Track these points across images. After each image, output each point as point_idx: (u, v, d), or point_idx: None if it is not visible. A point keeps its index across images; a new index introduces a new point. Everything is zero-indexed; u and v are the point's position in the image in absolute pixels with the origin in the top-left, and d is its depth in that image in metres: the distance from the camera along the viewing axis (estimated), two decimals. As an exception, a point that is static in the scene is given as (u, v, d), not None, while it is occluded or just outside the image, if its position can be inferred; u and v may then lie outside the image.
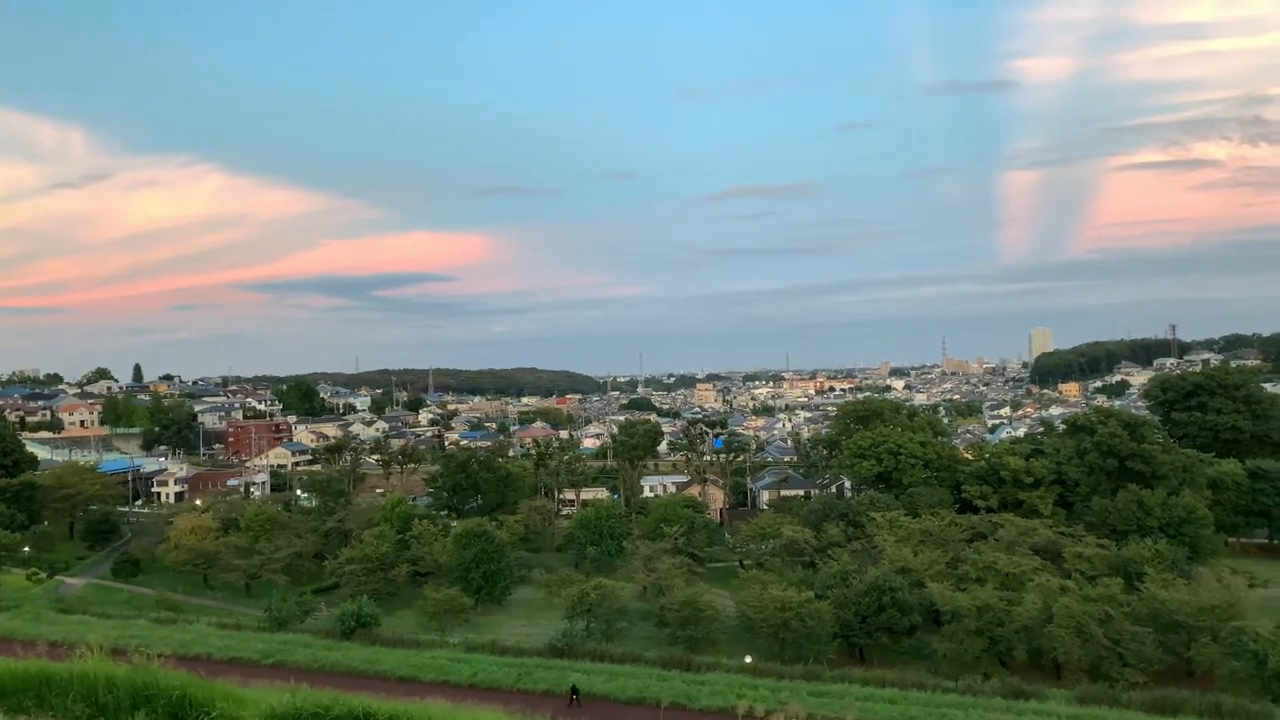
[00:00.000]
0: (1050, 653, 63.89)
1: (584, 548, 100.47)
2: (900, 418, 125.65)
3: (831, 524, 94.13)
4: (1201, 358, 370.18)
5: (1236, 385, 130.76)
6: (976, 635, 65.48)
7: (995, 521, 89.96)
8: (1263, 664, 58.14)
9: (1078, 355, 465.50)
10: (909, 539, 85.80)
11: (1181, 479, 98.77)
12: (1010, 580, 73.25)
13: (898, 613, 69.65)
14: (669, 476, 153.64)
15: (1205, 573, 75.38)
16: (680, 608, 72.86)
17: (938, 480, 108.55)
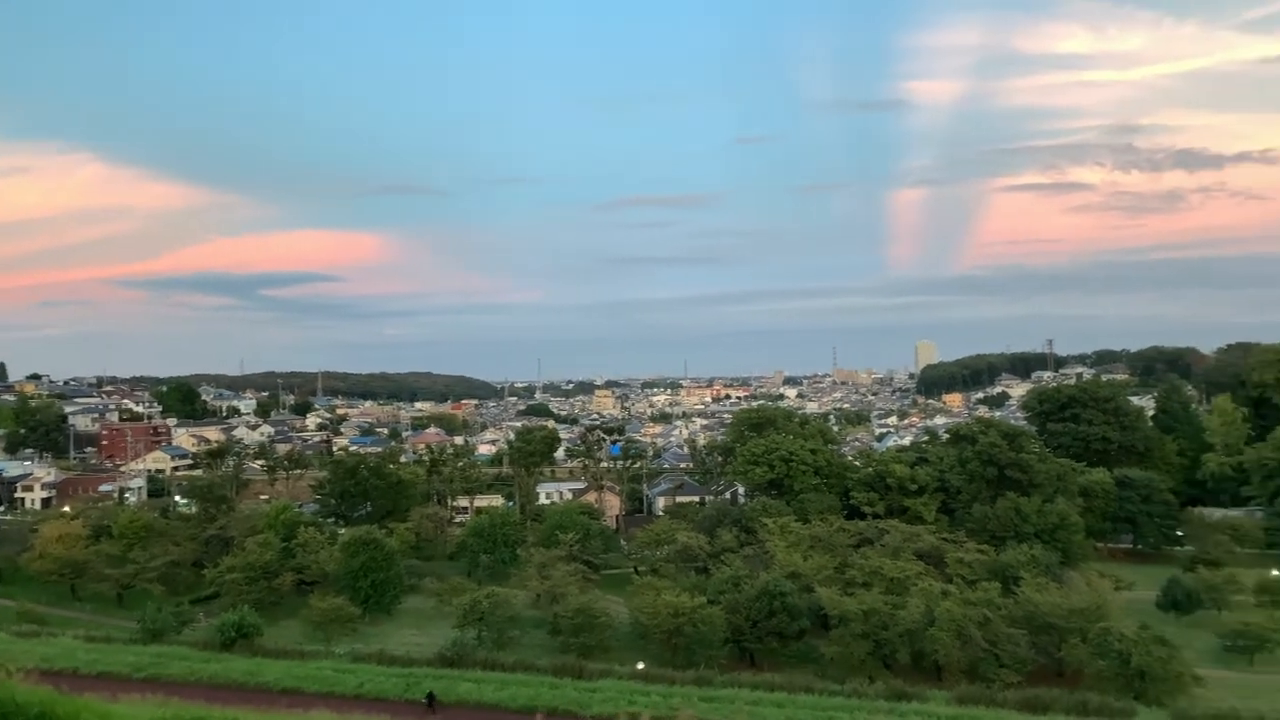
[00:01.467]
0: (932, 655, 65.92)
1: (477, 555, 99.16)
2: (793, 425, 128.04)
3: (725, 530, 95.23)
4: (1075, 371, 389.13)
5: (1107, 398, 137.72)
6: (862, 638, 67.15)
7: (882, 527, 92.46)
8: (1126, 663, 61.27)
9: (961, 367, 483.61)
10: (799, 544, 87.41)
11: (1056, 487, 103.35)
12: (895, 585, 75.33)
13: (787, 617, 70.86)
14: (566, 483, 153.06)
15: (1076, 576, 79.05)
16: (574, 615, 72.59)
17: (828, 487, 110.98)
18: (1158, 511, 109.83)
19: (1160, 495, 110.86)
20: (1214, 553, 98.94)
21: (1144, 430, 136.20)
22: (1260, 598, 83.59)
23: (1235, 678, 69.46)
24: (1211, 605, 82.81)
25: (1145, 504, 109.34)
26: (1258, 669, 71.75)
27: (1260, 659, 72.49)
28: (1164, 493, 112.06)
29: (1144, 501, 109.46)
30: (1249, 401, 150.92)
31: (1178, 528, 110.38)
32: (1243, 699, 62.38)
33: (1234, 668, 71.82)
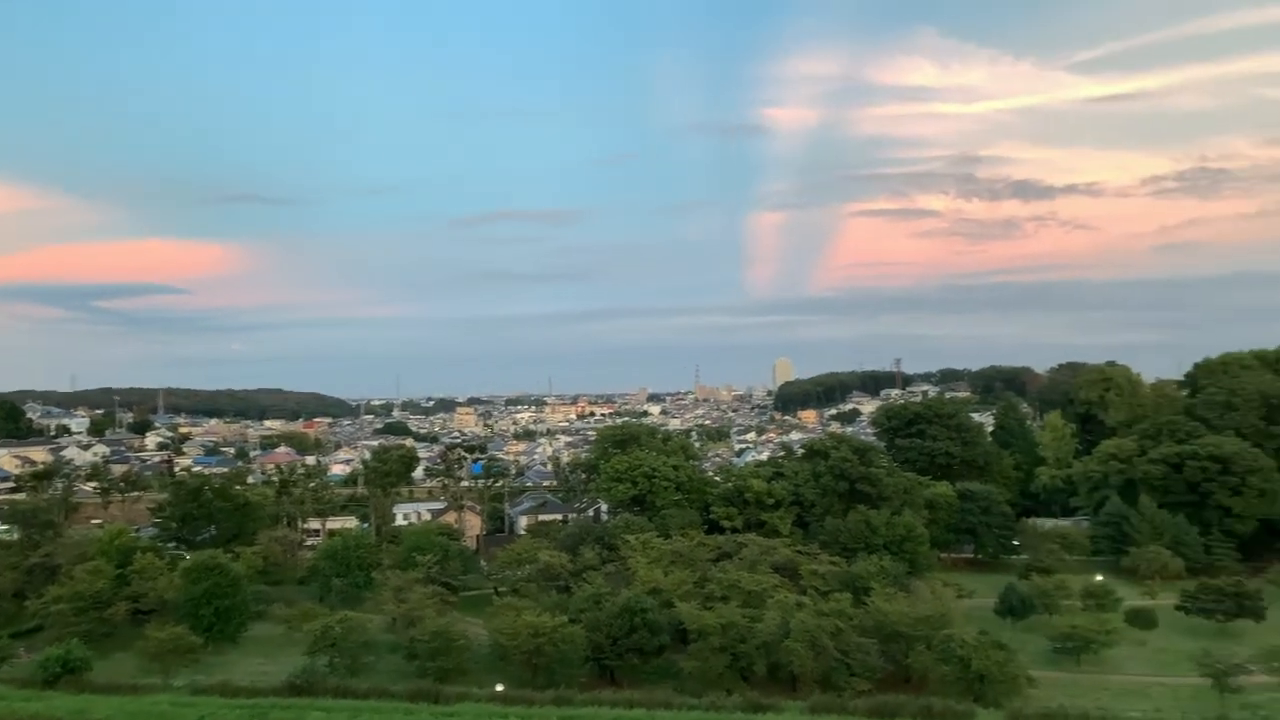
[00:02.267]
0: (787, 666, 67.36)
1: (330, 579, 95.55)
2: (656, 442, 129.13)
3: (587, 547, 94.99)
4: (921, 389, 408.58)
5: (950, 415, 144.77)
6: (720, 652, 68.06)
7: (740, 541, 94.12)
8: (967, 667, 64.26)
9: (816, 384, 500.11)
10: (661, 560, 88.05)
11: (903, 500, 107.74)
12: (753, 597, 76.77)
13: (648, 633, 71.13)
14: (424, 503, 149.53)
15: (921, 586, 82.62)
16: (431, 638, 70.80)
17: (689, 502, 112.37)
18: (996, 522, 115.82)
19: (998, 507, 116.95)
20: (1046, 560, 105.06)
21: (984, 445, 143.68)
22: (1086, 601, 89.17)
23: (1064, 678, 73.83)
24: (1043, 610, 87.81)
25: (985, 515, 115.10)
26: (1084, 669, 76.45)
27: (1086, 659, 77.26)
28: (1002, 504, 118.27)
29: (984, 513, 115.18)
30: (1077, 418, 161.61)
31: (1014, 537, 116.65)
32: (1070, 697, 66.48)
33: (1063, 668, 76.33)
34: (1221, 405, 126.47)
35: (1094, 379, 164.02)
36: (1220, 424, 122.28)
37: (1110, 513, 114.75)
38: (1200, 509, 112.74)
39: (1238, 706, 64.31)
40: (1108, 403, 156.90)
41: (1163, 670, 75.96)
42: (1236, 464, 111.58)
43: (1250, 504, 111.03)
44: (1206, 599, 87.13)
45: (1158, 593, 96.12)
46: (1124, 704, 65.96)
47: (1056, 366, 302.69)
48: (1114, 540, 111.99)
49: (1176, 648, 79.51)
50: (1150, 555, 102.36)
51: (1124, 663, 78.19)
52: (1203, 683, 68.95)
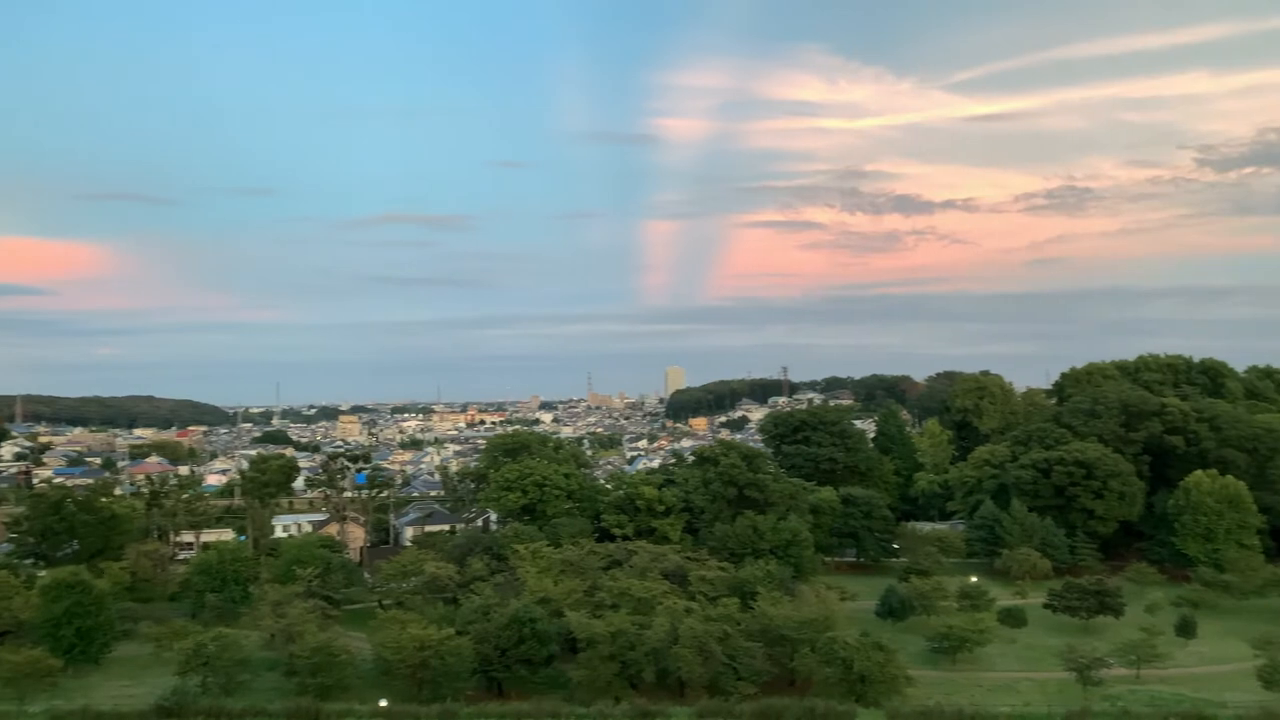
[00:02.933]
0: (676, 672, 67.73)
1: (203, 595, 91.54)
2: (547, 450, 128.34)
3: (476, 558, 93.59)
4: (807, 397, 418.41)
5: (834, 422, 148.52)
6: (610, 660, 67.91)
7: (631, 549, 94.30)
8: (849, 668, 65.83)
9: (706, 392, 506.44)
10: (550, 569, 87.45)
11: (789, 505, 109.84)
12: (643, 605, 76.91)
13: (537, 643, 70.47)
14: (305, 515, 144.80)
15: (806, 589, 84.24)
16: (311, 654, 68.48)
17: (580, 510, 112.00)
18: (877, 526, 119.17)
19: (880, 511, 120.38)
20: (924, 563, 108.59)
21: (866, 451, 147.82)
22: (962, 602, 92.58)
23: (941, 676, 76.43)
24: (922, 611, 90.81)
25: (867, 520, 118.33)
26: (959, 667, 79.31)
27: (961, 658, 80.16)
28: (883, 509, 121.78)
29: (866, 517, 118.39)
30: (953, 425, 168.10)
31: (894, 541, 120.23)
32: (946, 695, 68.86)
33: (940, 667, 79.01)
34: (1086, 413, 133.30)
35: (969, 387, 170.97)
36: (1085, 430, 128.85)
37: (984, 516, 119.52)
38: (1066, 512, 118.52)
39: (1099, 699, 67.80)
40: (982, 410, 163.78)
41: (1032, 666, 79.46)
42: (1099, 469, 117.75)
43: (1111, 506, 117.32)
44: (1071, 597, 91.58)
45: (1027, 592, 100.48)
46: (996, 700, 68.69)
47: (934, 375, 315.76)
48: (987, 542, 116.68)
49: (1044, 644, 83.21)
50: (1021, 557, 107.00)
51: (996, 660, 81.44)
52: (1068, 677, 72.46)
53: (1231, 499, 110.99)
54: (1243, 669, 74.43)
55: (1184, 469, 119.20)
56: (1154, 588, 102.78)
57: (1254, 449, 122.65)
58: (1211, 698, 67.77)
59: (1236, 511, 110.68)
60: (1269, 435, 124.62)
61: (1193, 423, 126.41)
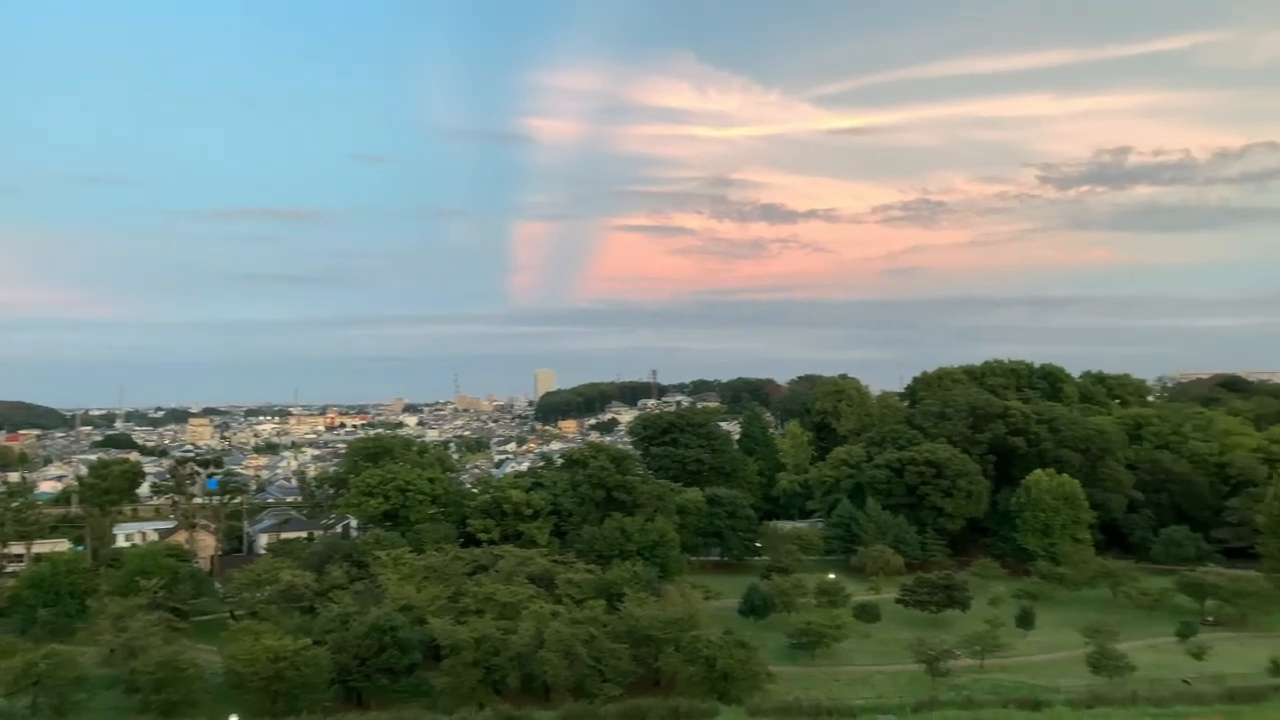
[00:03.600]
0: (541, 676, 67.30)
1: (34, 610, 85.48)
2: (411, 454, 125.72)
3: (335, 565, 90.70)
4: (676, 399, 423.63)
5: (701, 424, 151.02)
6: (474, 666, 66.93)
7: (497, 553, 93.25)
8: (713, 666, 66.88)
9: (576, 395, 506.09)
10: (413, 576, 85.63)
11: (656, 506, 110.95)
12: (508, 609, 76.16)
13: (398, 651, 68.81)
14: (151, 523, 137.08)
15: (672, 589, 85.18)
16: (155, 669, 64.76)
17: (445, 516, 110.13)
18: (741, 526, 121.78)
19: (743, 511, 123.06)
20: (785, 561, 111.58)
21: (731, 453, 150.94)
22: (820, 599, 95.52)
23: (800, 671, 78.65)
24: (782, 608, 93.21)
25: (731, 519, 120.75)
26: (818, 662, 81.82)
27: (819, 653, 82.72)
28: (746, 509, 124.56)
29: (730, 517, 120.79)
30: (814, 426, 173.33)
31: (757, 540, 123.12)
32: (805, 689, 70.84)
33: (799, 663, 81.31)
34: (936, 415, 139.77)
35: (828, 390, 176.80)
36: (935, 432, 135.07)
37: (841, 514, 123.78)
38: (918, 509, 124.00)
39: (946, 688, 71.04)
40: (840, 412, 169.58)
41: (885, 659, 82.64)
42: (948, 468, 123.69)
43: (959, 504, 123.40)
44: (922, 592, 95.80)
45: (881, 587, 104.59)
46: (852, 693, 71.02)
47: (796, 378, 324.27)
48: (844, 540, 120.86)
49: (896, 638, 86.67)
50: (875, 553, 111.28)
51: (852, 654, 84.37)
52: (918, 669, 75.76)
53: (1067, 496, 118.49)
54: (1074, 656, 79.49)
55: (1025, 468, 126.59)
56: (997, 581, 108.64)
57: (1087, 449, 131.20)
58: (1047, 684, 71.99)
59: (1071, 508, 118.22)
60: (1100, 437, 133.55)
61: (1033, 424, 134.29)
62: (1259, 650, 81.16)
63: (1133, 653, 77.07)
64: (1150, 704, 62.44)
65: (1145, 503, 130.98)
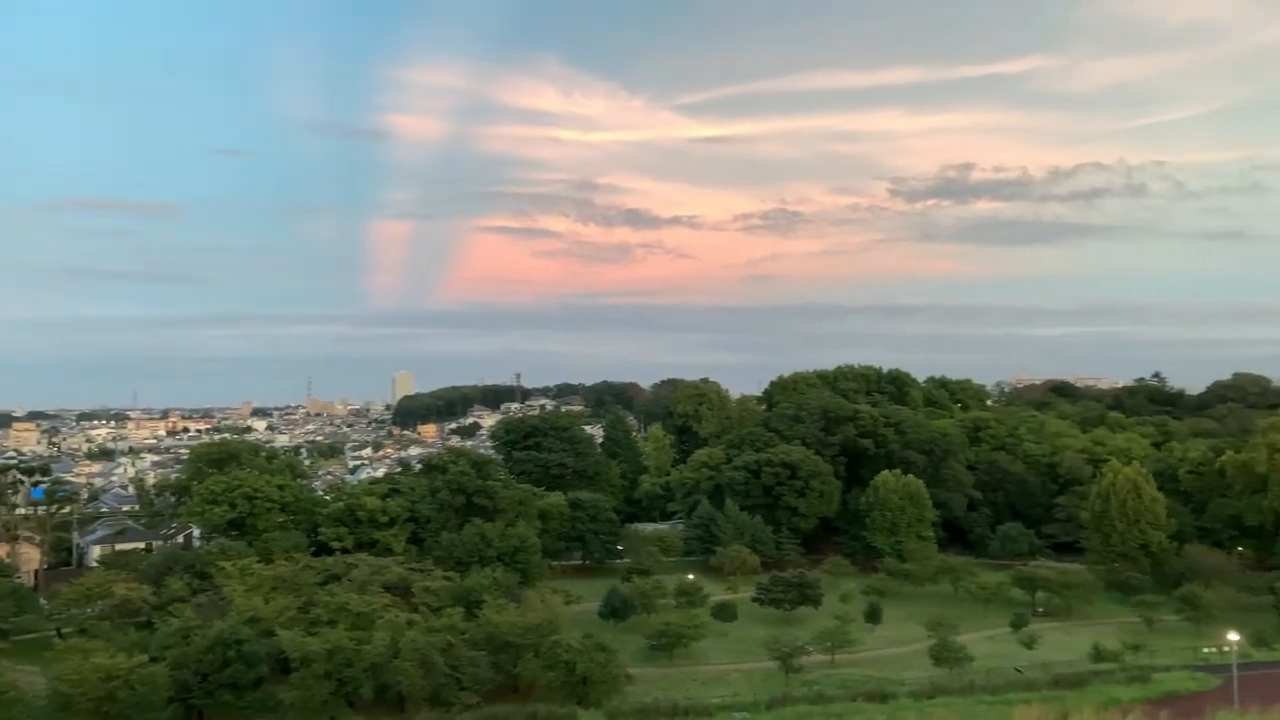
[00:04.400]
0: (396, 686, 65.69)
1: None
2: (259, 460, 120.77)
3: (175, 578, 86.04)
4: (539, 403, 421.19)
5: (565, 428, 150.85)
6: (325, 678, 64.67)
7: (350, 562, 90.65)
8: (572, 671, 66.73)
9: (436, 399, 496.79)
10: (261, 587, 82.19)
11: (518, 511, 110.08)
12: (362, 619, 74.05)
13: (244, 666, 65.78)
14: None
15: (532, 595, 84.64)
16: (-32, 695, 59.89)
17: (295, 524, 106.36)
18: (603, 529, 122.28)
19: (606, 514, 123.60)
20: (646, 563, 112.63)
21: (594, 456, 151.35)
22: (679, 599, 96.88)
23: (659, 673, 79.47)
24: (642, 610, 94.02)
25: (593, 523, 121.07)
26: (676, 662, 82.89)
27: (678, 653, 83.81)
28: (609, 512, 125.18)
29: (592, 521, 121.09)
30: (676, 429, 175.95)
31: (619, 543, 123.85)
32: (663, 690, 71.52)
33: (658, 664, 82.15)
34: (791, 418, 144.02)
35: (690, 394, 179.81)
36: (790, 434, 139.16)
37: (701, 516, 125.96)
38: (773, 510, 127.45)
39: (798, 684, 73.10)
40: (701, 416, 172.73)
41: (741, 657, 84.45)
42: (802, 469, 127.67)
43: (812, 504, 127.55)
44: (776, 590, 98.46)
45: (739, 587, 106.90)
46: (709, 692, 72.16)
47: (659, 382, 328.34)
48: (704, 541, 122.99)
49: (752, 636, 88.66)
50: (733, 553, 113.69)
51: (710, 653, 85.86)
52: (773, 665, 77.75)
53: (912, 495, 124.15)
54: (919, 649, 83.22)
55: (874, 469, 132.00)
56: (848, 578, 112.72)
57: (931, 451, 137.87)
58: (893, 676, 75.06)
59: (916, 507, 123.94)
60: (943, 439, 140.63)
61: (881, 427, 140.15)
62: (1082, 638, 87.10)
63: (971, 644, 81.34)
64: (986, 692, 65.97)
65: (983, 501, 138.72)
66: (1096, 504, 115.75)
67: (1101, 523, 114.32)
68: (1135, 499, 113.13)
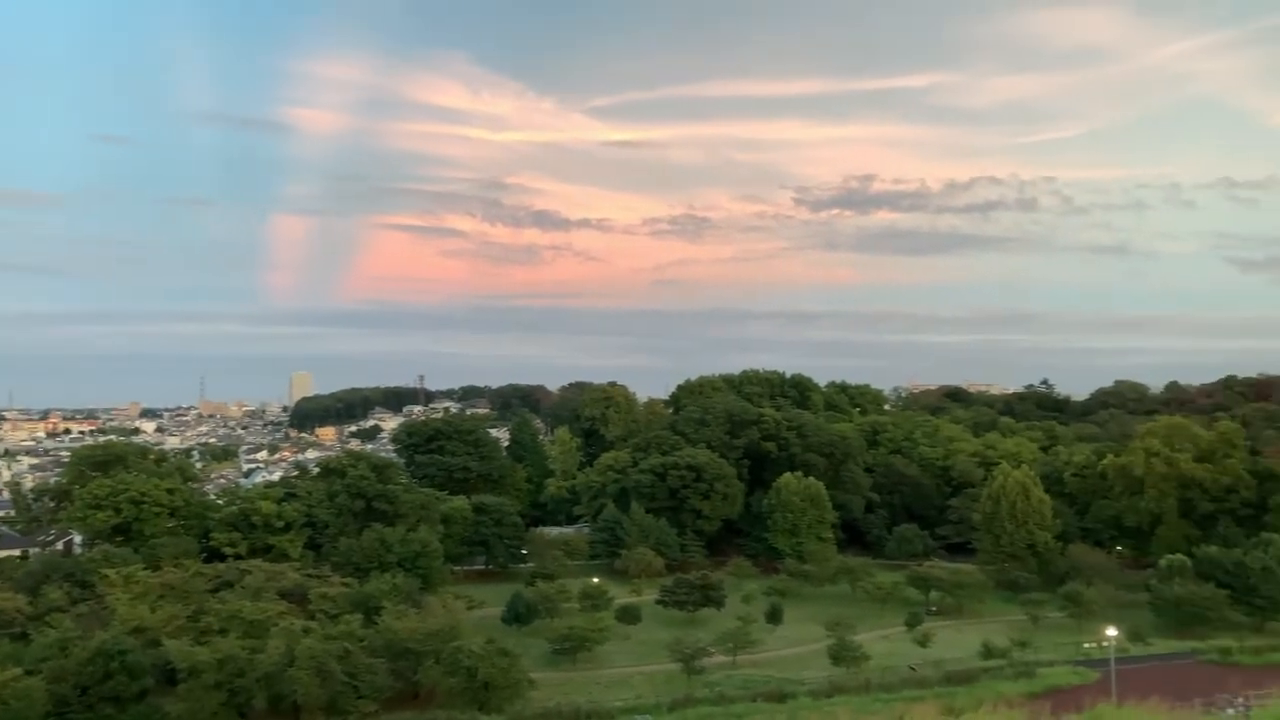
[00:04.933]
0: (291, 696, 63.92)
1: None
2: (147, 463, 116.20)
3: (54, 586, 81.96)
4: (444, 405, 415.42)
5: (469, 431, 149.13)
6: (215, 689, 62.58)
7: (244, 568, 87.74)
8: (474, 677, 66.00)
9: (336, 400, 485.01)
10: (147, 595, 78.95)
11: (420, 516, 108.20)
12: (256, 627, 71.86)
13: (127, 677, 63.08)
14: None
15: (434, 601, 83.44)
16: None
17: (185, 529, 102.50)
18: (507, 533, 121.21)
19: (510, 519, 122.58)
20: (550, 567, 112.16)
21: (500, 460, 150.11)
22: (584, 603, 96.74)
23: (562, 677, 79.17)
24: (546, 614, 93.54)
25: (497, 527, 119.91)
26: (580, 666, 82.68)
27: (582, 657, 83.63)
28: (513, 516, 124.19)
29: (496, 525, 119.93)
30: (583, 432, 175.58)
31: (523, 547, 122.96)
32: (566, 694, 71.45)
33: (561, 668, 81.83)
34: (697, 421, 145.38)
35: (597, 397, 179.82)
36: (696, 437, 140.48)
37: (606, 519, 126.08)
38: (678, 512, 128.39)
39: (700, 686, 73.82)
40: (608, 419, 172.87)
41: (644, 660, 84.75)
42: (707, 472, 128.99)
43: (716, 506, 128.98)
44: (680, 592, 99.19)
45: (643, 589, 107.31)
46: (611, 695, 72.35)
47: (567, 385, 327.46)
48: (609, 544, 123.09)
49: (656, 638, 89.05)
50: (638, 556, 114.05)
51: (613, 657, 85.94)
52: (675, 667, 78.26)
53: (813, 497, 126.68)
54: (818, 649, 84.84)
55: (776, 471, 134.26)
56: (750, 580, 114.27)
57: (831, 453, 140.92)
58: (792, 676, 76.45)
59: (816, 508, 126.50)
60: (843, 442, 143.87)
61: (784, 430, 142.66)
62: (973, 636, 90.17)
63: (868, 643, 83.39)
64: (882, 691, 67.81)
65: (881, 503, 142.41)
66: (987, 506, 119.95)
67: (992, 524, 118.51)
68: (1024, 501, 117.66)
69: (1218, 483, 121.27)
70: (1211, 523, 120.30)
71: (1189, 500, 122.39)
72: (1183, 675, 71.91)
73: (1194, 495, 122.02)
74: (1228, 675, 72.25)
